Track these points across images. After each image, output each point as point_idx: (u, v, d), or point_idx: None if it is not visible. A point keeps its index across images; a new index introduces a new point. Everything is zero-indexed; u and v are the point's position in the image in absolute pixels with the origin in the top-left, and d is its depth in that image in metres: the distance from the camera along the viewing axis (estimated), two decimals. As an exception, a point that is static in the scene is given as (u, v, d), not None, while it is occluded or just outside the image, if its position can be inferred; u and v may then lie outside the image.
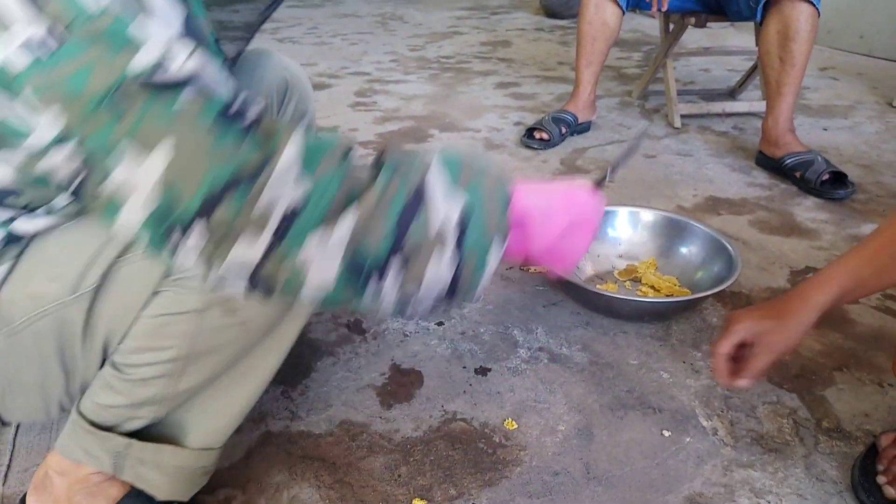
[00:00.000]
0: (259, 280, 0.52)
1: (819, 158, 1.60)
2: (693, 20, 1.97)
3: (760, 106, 1.92)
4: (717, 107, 2.10)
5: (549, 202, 0.66)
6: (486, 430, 0.88)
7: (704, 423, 0.90)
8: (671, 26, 2.14)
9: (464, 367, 0.99)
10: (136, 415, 0.66)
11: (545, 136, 1.88)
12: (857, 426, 0.89)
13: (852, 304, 1.15)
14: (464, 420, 0.89)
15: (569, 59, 2.93)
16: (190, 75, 0.50)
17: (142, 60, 0.48)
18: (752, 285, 1.21)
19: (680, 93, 2.25)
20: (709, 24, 1.97)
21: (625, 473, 0.82)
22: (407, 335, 1.07)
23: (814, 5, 1.58)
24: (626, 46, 3.21)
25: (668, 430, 0.88)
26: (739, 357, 0.78)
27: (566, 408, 0.92)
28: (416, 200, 0.54)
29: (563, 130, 1.91)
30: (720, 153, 1.85)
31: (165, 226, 0.50)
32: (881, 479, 0.78)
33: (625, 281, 1.20)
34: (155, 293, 0.61)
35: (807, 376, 0.99)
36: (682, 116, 2.06)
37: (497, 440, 0.86)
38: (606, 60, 1.95)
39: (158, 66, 0.49)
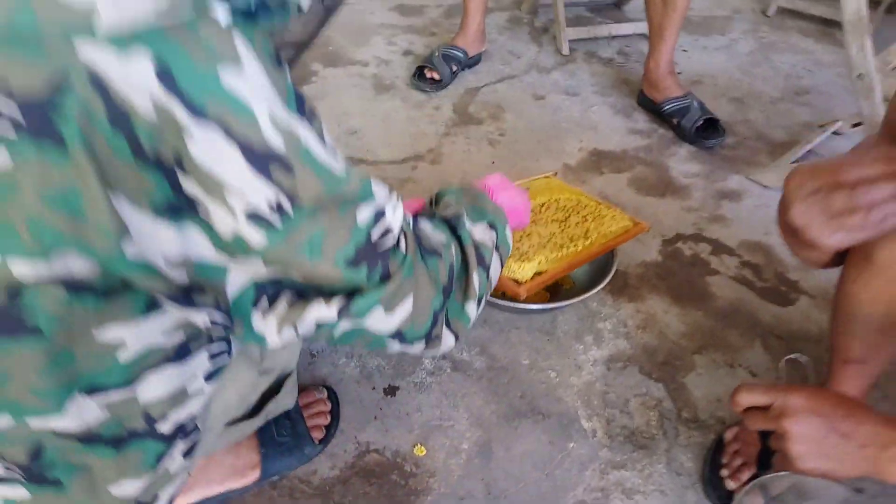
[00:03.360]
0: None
1: (695, 104, 1.68)
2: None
3: (644, 27, 1.94)
4: (604, 30, 2.11)
5: (496, 194, 0.86)
6: (397, 460, 0.97)
7: (585, 425, 1.03)
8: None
9: (373, 389, 1.07)
10: None
11: (436, 75, 1.85)
12: (711, 413, 1.06)
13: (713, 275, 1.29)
14: (377, 451, 0.99)
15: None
16: (401, 214, 0.59)
17: (364, 214, 0.54)
18: (629, 261, 1.33)
19: (567, 3, 2.23)
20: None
21: (520, 489, 0.95)
22: (314, 356, 1.12)
23: (694, -50, 1.58)
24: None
25: (554, 439, 1.01)
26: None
27: (468, 423, 1.03)
28: (476, 244, 0.72)
29: (454, 68, 1.88)
30: (605, 90, 1.89)
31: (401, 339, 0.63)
32: (724, 473, 0.95)
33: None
34: None
35: (671, 363, 1.14)
36: (570, 41, 2.07)
37: (408, 469, 0.96)
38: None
39: (380, 214, 0.56)
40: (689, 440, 1.02)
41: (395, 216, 0.58)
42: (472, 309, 0.68)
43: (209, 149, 0.45)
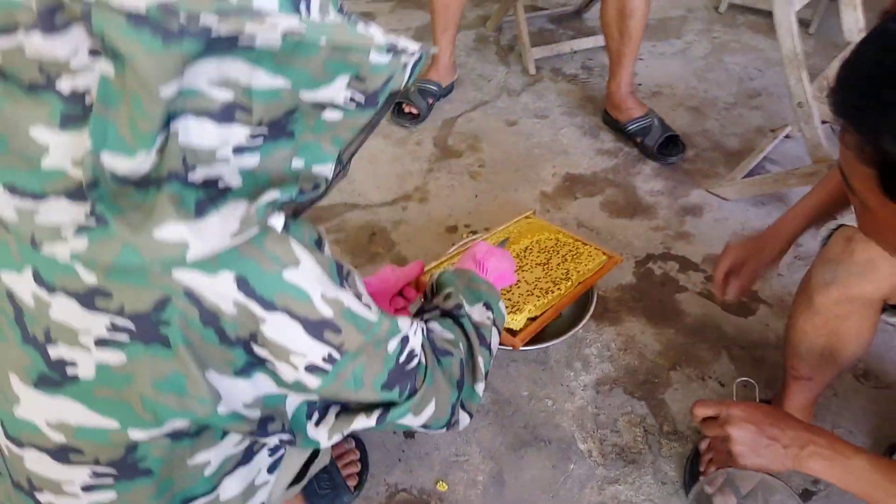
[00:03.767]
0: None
1: (655, 122, 1.82)
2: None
3: (603, 40, 2.06)
4: (566, 46, 2.24)
5: (485, 263, 1.01)
6: (423, 497, 1.13)
7: (582, 447, 1.20)
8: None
9: (394, 433, 1.22)
10: None
11: (414, 110, 1.97)
12: (688, 425, 1.22)
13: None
14: (405, 490, 1.14)
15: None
16: (420, 335, 0.74)
17: (393, 344, 0.68)
18: (606, 285, 1.48)
19: (530, 16, 2.34)
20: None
21: (531, 512, 1.12)
22: (341, 407, 1.27)
23: (646, -15, 1.70)
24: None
25: (556, 463, 1.18)
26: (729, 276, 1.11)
27: (481, 456, 1.19)
28: (476, 326, 0.86)
29: (430, 101, 2.01)
30: (572, 109, 2.03)
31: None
32: (701, 479, 1.12)
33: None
34: None
35: (651, 381, 1.30)
36: (535, 60, 2.19)
37: (434, 504, 1.13)
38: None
39: (405, 340, 0.70)
40: (671, 451, 1.19)
41: (416, 338, 0.72)
42: (480, 388, 0.83)
43: (278, 328, 0.60)
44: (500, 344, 1.22)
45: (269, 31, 0.54)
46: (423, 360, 0.73)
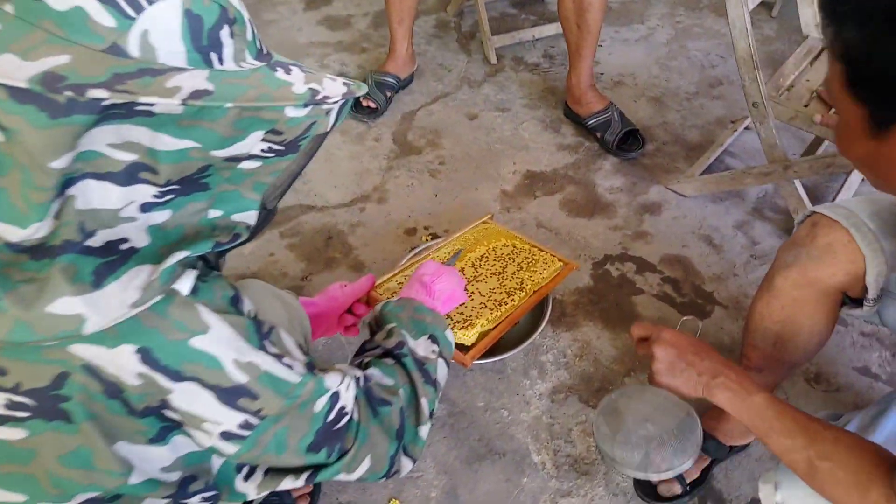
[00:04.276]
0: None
1: (615, 116, 1.81)
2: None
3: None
4: (528, 34, 2.20)
5: (432, 286, 1.01)
6: (378, 516, 1.14)
7: (536, 459, 1.21)
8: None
9: (349, 449, 1.22)
10: None
11: (371, 103, 1.93)
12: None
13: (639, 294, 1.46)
14: (359, 509, 1.14)
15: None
16: (353, 390, 0.72)
17: (320, 404, 0.67)
18: (564, 289, 1.48)
19: (491, 0, 2.29)
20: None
21: (484, 528, 1.12)
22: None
23: (603, -22, 1.67)
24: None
25: (510, 476, 1.18)
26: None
27: (435, 472, 1.19)
28: (421, 362, 0.85)
29: (389, 95, 1.96)
30: (534, 101, 2.00)
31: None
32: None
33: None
34: None
35: (605, 388, 1.31)
36: (497, 49, 2.15)
37: (388, 523, 1.13)
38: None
39: (335, 398, 0.68)
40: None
41: (348, 394, 0.71)
42: (424, 431, 0.82)
43: (188, 398, 0.58)
44: (452, 361, 1.22)
45: (168, 96, 0.51)
46: (356, 415, 0.72)
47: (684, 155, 1.81)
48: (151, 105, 0.51)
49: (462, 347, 1.16)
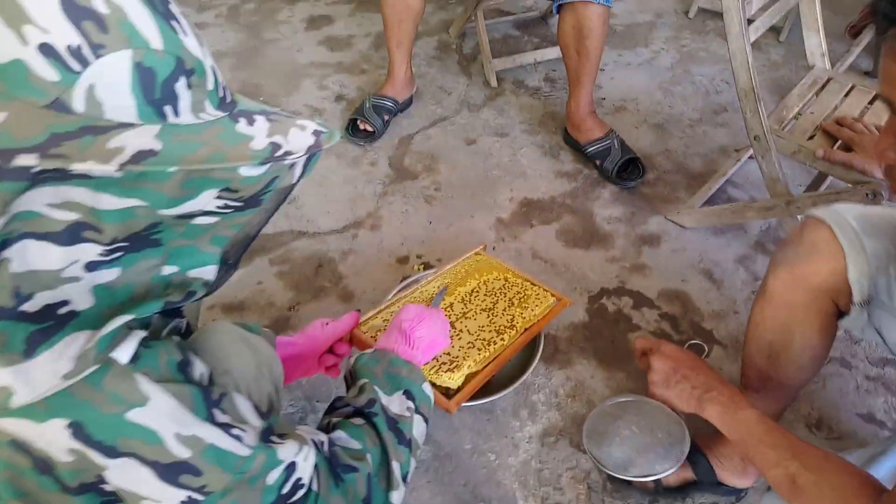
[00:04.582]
0: None
1: (615, 144, 1.77)
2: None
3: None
4: (529, 57, 2.16)
5: (411, 334, 0.97)
6: (356, 565, 1.09)
7: (523, 507, 1.16)
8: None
9: None
10: None
11: (369, 127, 1.90)
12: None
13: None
14: (337, 557, 1.10)
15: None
16: (313, 459, 0.67)
17: (273, 476, 0.62)
18: (558, 324, 1.43)
19: (494, 22, 2.27)
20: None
21: (466, 581, 1.08)
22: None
23: (604, 4, 1.63)
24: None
25: (496, 524, 1.14)
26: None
27: (417, 518, 1.15)
28: (394, 420, 0.81)
29: (386, 118, 1.93)
30: (533, 127, 1.96)
31: None
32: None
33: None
34: None
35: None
36: (498, 71, 2.12)
37: (366, 573, 1.08)
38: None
39: (291, 468, 0.64)
40: (614, 511, 1.15)
41: (306, 464, 0.66)
42: (396, 497, 0.78)
43: (124, 474, 0.54)
44: (436, 406, 1.17)
45: (106, 160, 0.48)
46: (315, 486, 0.68)
47: (686, 184, 1.76)
48: (88, 171, 0.48)
49: (448, 391, 1.12)
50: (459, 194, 1.76)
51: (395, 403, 0.83)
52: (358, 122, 1.91)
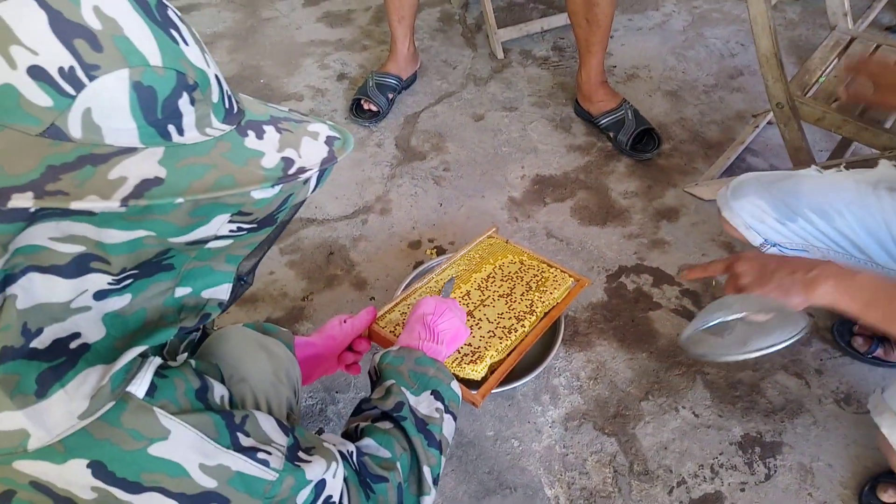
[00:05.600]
0: None
1: (629, 115, 1.71)
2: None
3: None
4: (536, 25, 2.10)
5: (436, 328, 0.94)
6: (383, 559, 1.08)
7: (549, 493, 1.14)
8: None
9: (353, 486, 1.16)
10: None
11: (373, 106, 1.85)
12: (659, 463, 1.17)
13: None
14: (364, 552, 1.09)
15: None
16: (342, 474, 0.66)
17: (303, 496, 0.60)
18: (577, 305, 1.40)
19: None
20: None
21: (494, 571, 1.07)
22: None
23: (613, -31, 1.57)
24: None
25: (522, 513, 1.13)
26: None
27: (443, 509, 1.14)
28: (423, 422, 0.79)
29: (391, 97, 1.88)
30: (542, 99, 1.91)
31: None
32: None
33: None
34: None
35: (622, 413, 1.24)
36: (504, 42, 2.06)
37: (394, 566, 1.07)
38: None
39: (321, 486, 0.62)
40: (642, 494, 1.13)
41: (336, 481, 0.64)
42: (428, 501, 0.76)
43: None
44: (462, 400, 1.15)
45: (108, 195, 0.44)
46: (346, 501, 0.66)
47: (703, 154, 1.71)
48: (90, 208, 0.45)
49: (471, 383, 1.10)
50: (469, 174, 1.71)
51: (424, 404, 0.81)
52: (362, 101, 1.86)
